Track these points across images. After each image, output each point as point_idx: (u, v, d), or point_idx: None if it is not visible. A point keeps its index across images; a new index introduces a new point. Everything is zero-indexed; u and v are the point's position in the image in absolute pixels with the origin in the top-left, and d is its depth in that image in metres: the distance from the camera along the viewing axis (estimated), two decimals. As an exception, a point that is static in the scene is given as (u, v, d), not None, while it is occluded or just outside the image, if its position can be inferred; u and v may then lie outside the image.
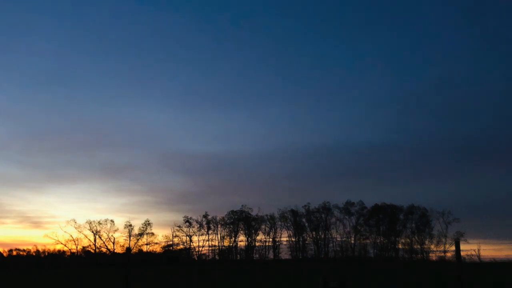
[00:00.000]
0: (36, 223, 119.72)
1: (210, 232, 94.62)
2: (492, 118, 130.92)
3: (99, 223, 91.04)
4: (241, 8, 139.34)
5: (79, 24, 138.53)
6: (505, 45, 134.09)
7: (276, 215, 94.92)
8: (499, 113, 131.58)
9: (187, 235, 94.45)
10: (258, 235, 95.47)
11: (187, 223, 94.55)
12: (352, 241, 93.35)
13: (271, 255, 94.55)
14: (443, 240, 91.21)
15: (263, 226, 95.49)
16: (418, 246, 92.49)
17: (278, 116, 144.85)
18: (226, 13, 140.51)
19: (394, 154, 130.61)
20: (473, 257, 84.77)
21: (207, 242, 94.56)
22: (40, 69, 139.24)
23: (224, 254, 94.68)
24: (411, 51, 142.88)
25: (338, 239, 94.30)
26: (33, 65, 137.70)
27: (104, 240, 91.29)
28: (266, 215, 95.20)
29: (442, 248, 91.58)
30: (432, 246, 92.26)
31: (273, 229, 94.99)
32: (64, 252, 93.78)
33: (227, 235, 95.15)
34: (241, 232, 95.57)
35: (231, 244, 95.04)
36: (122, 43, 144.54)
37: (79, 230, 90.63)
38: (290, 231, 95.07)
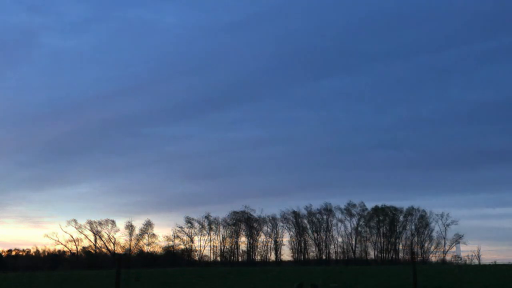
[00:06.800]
0: (36, 223, 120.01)
1: (211, 233, 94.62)
2: (491, 121, 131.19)
3: (100, 223, 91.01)
4: (240, 8, 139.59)
5: (77, 25, 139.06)
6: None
7: (278, 216, 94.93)
8: (497, 115, 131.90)
9: (188, 236, 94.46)
10: (259, 236, 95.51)
11: (189, 224, 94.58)
12: (353, 242, 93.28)
13: (272, 257, 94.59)
14: (442, 242, 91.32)
15: (264, 227, 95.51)
16: (418, 247, 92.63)
17: (279, 116, 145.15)
18: (225, 12, 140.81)
19: (395, 156, 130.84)
20: (473, 258, 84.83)
21: (209, 243, 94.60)
22: (39, 70, 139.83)
23: (226, 255, 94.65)
24: (412, 51, 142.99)
25: (339, 240, 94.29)
26: (31, 67, 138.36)
27: (104, 240, 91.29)
28: (268, 216, 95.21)
29: (441, 250, 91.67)
30: (432, 248, 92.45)
31: (274, 230, 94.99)
32: (64, 252, 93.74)
33: (228, 236, 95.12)
34: (243, 233, 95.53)
35: (233, 245, 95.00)
36: (120, 44, 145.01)
37: (80, 231, 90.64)
38: (291, 232, 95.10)
